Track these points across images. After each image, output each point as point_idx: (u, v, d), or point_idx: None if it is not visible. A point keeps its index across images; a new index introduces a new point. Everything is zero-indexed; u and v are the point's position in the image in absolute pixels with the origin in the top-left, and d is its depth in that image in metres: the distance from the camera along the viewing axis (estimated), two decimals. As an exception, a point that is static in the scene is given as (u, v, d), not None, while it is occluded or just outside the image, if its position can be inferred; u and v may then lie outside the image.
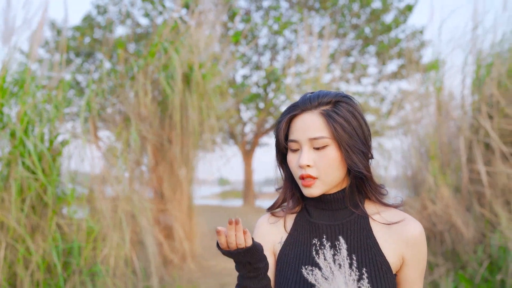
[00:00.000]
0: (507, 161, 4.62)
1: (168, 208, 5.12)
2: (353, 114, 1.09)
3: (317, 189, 1.09)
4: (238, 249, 0.97)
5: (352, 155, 1.07)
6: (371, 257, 1.06)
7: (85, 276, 3.57)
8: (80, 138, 4.09)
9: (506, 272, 4.03)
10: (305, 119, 1.09)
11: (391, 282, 1.05)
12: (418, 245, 1.08)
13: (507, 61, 4.84)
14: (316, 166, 1.08)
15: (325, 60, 6.63)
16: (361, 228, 1.11)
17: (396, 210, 1.14)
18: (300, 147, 1.10)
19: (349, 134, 1.07)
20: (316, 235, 1.12)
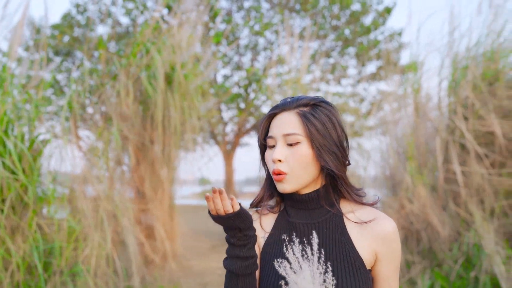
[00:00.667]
0: (482, 162, 4.74)
1: (149, 208, 5.12)
2: (329, 118, 1.14)
3: (288, 184, 1.13)
4: (227, 214, 1.03)
5: (324, 154, 1.12)
6: (345, 254, 1.11)
7: (66, 276, 3.56)
8: (60, 138, 4.07)
9: (479, 269, 4.15)
10: (283, 117, 1.15)
11: (364, 277, 1.09)
12: (391, 241, 1.12)
13: (482, 64, 4.97)
14: (287, 162, 1.12)
15: (305, 61, 6.70)
16: (336, 226, 1.15)
17: (370, 208, 1.18)
18: (276, 143, 1.15)
19: (323, 135, 1.12)
20: (296, 234, 1.16)
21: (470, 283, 4.17)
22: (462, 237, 4.51)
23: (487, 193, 4.57)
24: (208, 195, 1.03)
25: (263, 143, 1.21)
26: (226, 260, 1.11)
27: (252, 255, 1.10)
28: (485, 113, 4.69)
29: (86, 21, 10.84)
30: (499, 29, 4.99)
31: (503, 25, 4.98)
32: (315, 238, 1.02)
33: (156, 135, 5.03)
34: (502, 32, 4.98)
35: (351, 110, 9.68)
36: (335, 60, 13.09)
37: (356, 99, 12.89)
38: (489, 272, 4.07)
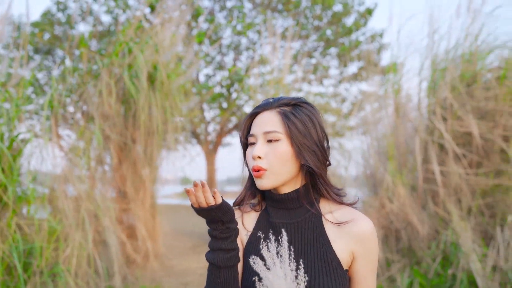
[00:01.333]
0: (460, 161, 4.84)
1: (131, 207, 5.09)
2: (310, 117, 1.17)
3: (267, 180, 1.15)
4: (209, 206, 1.06)
5: (304, 152, 1.14)
6: (323, 254, 1.13)
7: (46, 277, 3.53)
8: (41, 137, 4.03)
9: (457, 267, 4.24)
10: (264, 116, 1.18)
11: (341, 277, 1.11)
12: (368, 241, 1.14)
13: (460, 66, 5.07)
14: (267, 159, 1.15)
15: (287, 61, 6.74)
16: (315, 226, 1.17)
17: (349, 208, 1.20)
18: (256, 140, 1.18)
19: (303, 133, 1.14)
20: (275, 233, 1.18)
21: (447, 280, 4.26)
22: (440, 235, 4.60)
23: (465, 193, 4.66)
24: (189, 188, 1.04)
25: (244, 141, 1.24)
26: (209, 253, 1.13)
27: (234, 247, 1.12)
28: (463, 114, 4.78)
29: (67, 19, 10.70)
30: (476, 32, 5.10)
31: (480, 28, 5.09)
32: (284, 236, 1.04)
33: (138, 134, 5.01)
34: (479, 35, 5.09)
35: (333, 110, 9.76)
36: (317, 60, 13.17)
37: (337, 99, 12.99)
38: (465, 269, 4.16)
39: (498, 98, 4.75)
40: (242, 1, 12.51)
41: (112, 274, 4.32)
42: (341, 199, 1.21)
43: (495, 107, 4.72)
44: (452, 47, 5.25)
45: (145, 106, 4.87)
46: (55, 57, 11.46)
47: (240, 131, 1.25)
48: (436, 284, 4.30)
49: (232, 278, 1.13)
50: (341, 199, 1.21)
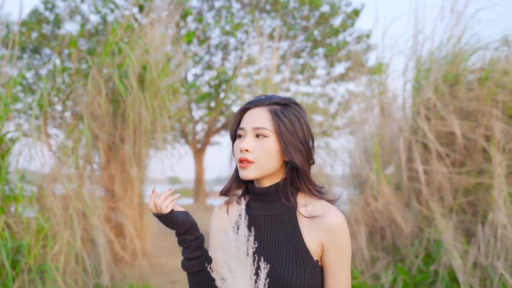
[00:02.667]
0: (443, 160, 4.95)
1: (119, 206, 5.13)
2: (298, 118, 1.25)
3: (251, 172, 1.23)
4: (155, 213, 1.20)
5: (290, 149, 1.22)
6: (294, 245, 1.21)
7: (34, 274, 3.56)
8: (29, 136, 4.05)
9: (439, 263, 4.34)
10: (255, 112, 1.26)
11: (310, 267, 1.19)
12: (337, 233, 1.20)
13: (443, 67, 5.18)
14: (254, 153, 1.22)
15: (275, 61, 6.80)
16: (289, 219, 1.25)
17: (324, 202, 1.26)
18: (245, 134, 1.25)
19: (290, 132, 1.22)
20: (254, 225, 1.27)
21: (430, 276, 4.36)
22: (423, 233, 4.70)
23: (447, 191, 4.77)
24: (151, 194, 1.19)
25: (234, 134, 1.31)
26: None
27: (194, 256, 1.23)
28: (446, 114, 4.89)
29: (55, 18, 10.66)
30: (459, 34, 5.21)
31: (463, 30, 5.20)
32: (244, 228, 1.11)
33: (126, 133, 5.04)
34: (462, 36, 5.20)
35: (320, 110, 9.84)
36: (304, 60, 13.26)
37: (325, 99, 13.09)
38: (447, 266, 4.26)
39: (480, 99, 4.87)
40: (230, 1, 12.55)
41: (100, 272, 4.36)
42: (320, 195, 1.28)
43: (477, 107, 4.83)
44: (435, 48, 5.36)
45: (134, 105, 4.91)
46: (42, 56, 11.40)
47: (230, 123, 1.33)
48: (419, 280, 4.40)
49: (202, 281, 1.23)
50: (320, 195, 1.28)
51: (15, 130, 3.99)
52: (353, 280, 4.71)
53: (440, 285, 4.18)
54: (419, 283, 4.40)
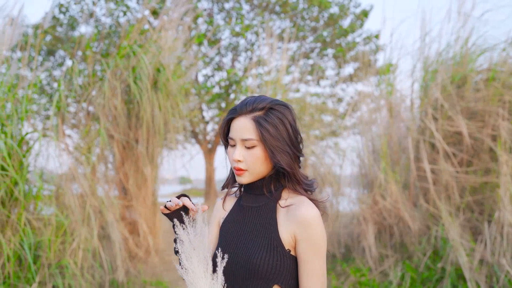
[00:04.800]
0: (450, 160, 5.03)
1: (133, 204, 5.27)
2: (281, 120, 1.35)
3: (245, 178, 1.38)
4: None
5: (277, 154, 1.33)
6: (268, 233, 1.33)
7: (54, 268, 3.71)
8: (48, 137, 4.21)
9: (446, 261, 4.42)
10: (240, 122, 1.36)
11: (280, 255, 1.30)
12: (307, 226, 1.30)
13: (451, 68, 5.25)
14: (246, 161, 1.36)
15: (285, 62, 6.90)
16: (270, 210, 1.38)
17: (303, 198, 1.37)
18: (236, 144, 1.38)
19: (275, 137, 1.33)
20: (242, 214, 1.42)
21: (437, 273, 4.44)
22: (431, 231, 4.79)
23: (454, 190, 4.85)
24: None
25: (225, 143, 1.44)
26: None
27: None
28: (453, 114, 4.96)
29: (69, 20, 10.86)
30: (466, 35, 5.28)
31: (470, 31, 5.27)
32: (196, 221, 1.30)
33: (140, 134, 5.19)
34: (469, 38, 5.28)
35: (329, 111, 9.92)
36: (314, 61, 13.34)
37: (334, 100, 13.17)
38: (454, 263, 4.35)
39: (487, 99, 4.94)
40: (240, 2, 12.67)
41: (116, 268, 4.50)
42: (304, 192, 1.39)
43: (484, 107, 4.90)
44: (443, 50, 5.43)
45: (148, 106, 5.05)
46: (56, 58, 11.61)
47: (220, 132, 1.46)
48: (426, 277, 4.49)
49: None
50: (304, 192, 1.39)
51: (33, 131, 4.15)
52: (361, 277, 4.82)
53: (447, 282, 4.26)
54: (427, 280, 4.49)
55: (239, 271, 1.31)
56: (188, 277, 1.25)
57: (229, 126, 1.41)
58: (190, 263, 1.25)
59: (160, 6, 5.94)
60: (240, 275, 1.31)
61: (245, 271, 1.30)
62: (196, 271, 1.24)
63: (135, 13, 10.75)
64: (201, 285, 1.24)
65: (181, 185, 30.16)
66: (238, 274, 1.31)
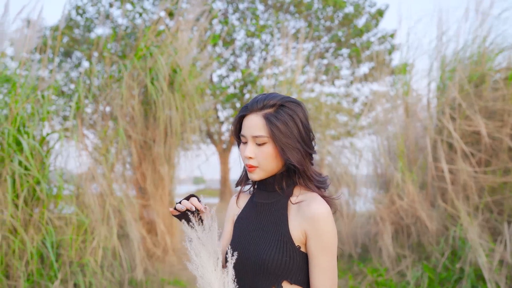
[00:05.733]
0: (468, 160, 4.99)
1: (150, 204, 5.32)
2: (292, 117, 1.35)
3: (257, 175, 1.38)
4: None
5: (287, 151, 1.34)
6: (278, 229, 1.35)
7: (76, 266, 3.77)
8: (68, 137, 4.27)
9: (464, 261, 4.39)
10: (251, 119, 1.37)
11: (290, 251, 1.31)
12: (317, 222, 1.30)
13: (468, 67, 5.21)
14: (257, 158, 1.37)
15: (300, 62, 6.91)
16: (281, 206, 1.39)
17: (315, 194, 1.38)
18: (247, 141, 1.39)
19: (285, 134, 1.33)
20: (255, 211, 1.44)
21: (455, 274, 4.41)
22: (449, 231, 4.75)
23: (473, 190, 4.81)
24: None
25: (237, 140, 1.46)
26: None
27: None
28: (471, 114, 4.93)
29: (85, 22, 11.00)
30: (485, 34, 5.24)
31: (489, 30, 5.23)
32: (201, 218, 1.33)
33: (157, 134, 5.24)
34: (487, 36, 5.23)
35: (344, 110, 9.89)
36: (328, 61, 13.32)
37: (349, 100, 13.13)
38: (473, 264, 4.31)
39: (506, 98, 4.89)
40: (255, 3, 12.70)
41: (134, 267, 4.55)
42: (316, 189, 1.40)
43: (503, 106, 4.86)
44: (460, 49, 5.39)
45: (165, 107, 5.10)
46: (73, 59, 11.76)
47: (232, 129, 1.47)
48: (444, 278, 4.46)
49: None
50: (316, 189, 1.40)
51: (53, 132, 4.22)
52: (378, 277, 4.81)
53: (466, 282, 4.23)
54: (445, 280, 4.46)
55: (249, 267, 1.33)
56: (199, 272, 1.27)
57: (241, 124, 1.43)
58: (200, 258, 1.27)
59: (175, 7, 5.99)
60: (250, 271, 1.33)
61: (255, 266, 1.31)
62: (205, 265, 1.27)
63: (151, 15, 10.83)
64: (212, 280, 1.26)
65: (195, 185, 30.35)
66: (249, 270, 1.33)
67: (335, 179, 5.98)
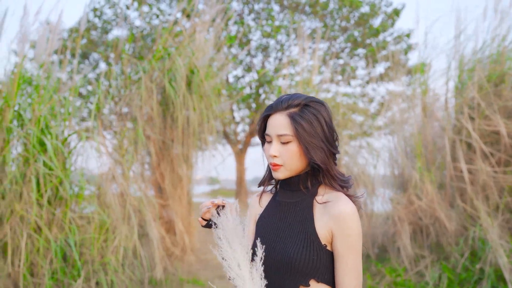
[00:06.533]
0: (487, 160, 4.96)
1: (169, 204, 5.38)
2: (316, 116, 1.37)
3: (281, 173, 1.40)
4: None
5: (311, 150, 1.36)
6: (305, 228, 1.36)
7: (98, 265, 3.83)
8: (89, 138, 4.34)
9: (485, 262, 4.36)
10: (276, 119, 1.39)
11: (317, 249, 1.33)
12: (343, 221, 1.32)
13: (487, 66, 5.18)
14: (281, 157, 1.38)
15: (316, 62, 6.92)
16: (306, 205, 1.40)
17: (340, 194, 1.39)
18: (272, 140, 1.41)
19: (309, 133, 1.35)
20: (279, 210, 1.45)
21: (475, 274, 4.39)
22: (468, 231, 4.73)
23: (492, 190, 4.77)
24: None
25: (262, 139, 1.49)
26: None
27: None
28: (490, 113, 4.89)
29: (103, 24, 11.13)
30: (504, 33, 5.20)
31: (508, 29, 5.19)
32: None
33: (175, 134, 5.30)
34: (507, 36, 5.19)
35: (360, 111, 9.86)
36: (344, 61, 13.28)
37: (365, 100, 13.07)
38: (493, 264, 4.28)
39: (526, 98, 4.85)
40: (270, 3, 12.72)
41: (154, 266, 4.60)
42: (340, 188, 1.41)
43: (523, 106, 4.82)
44: (479, 48, 5.36)
45: (182, 107, 5.15)
46: (90, 61, 11.90)
47: (257, 129, 1.50)
48: (464, 278, 4.44)
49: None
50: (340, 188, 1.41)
51: (74, 132, 4.29)
52: (397, 277, 4.80)
53: (486, 283, 4.21)
54: (465, 281, 4.44)
55: (276, 265, 1.34)
56: (232, 265, 1.29)
57: (266, 123, 1.45)
58: (233, 251, 1.29)
59: (192, 8, 6.04)
60: (277, 269, 1.34)
61: (282, 265, 1.32)
62: (238, 258, 1.29)
63: (167, 16, 10.92)
64: (243, 274, 1.28)
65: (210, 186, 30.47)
66: (275, 268, 1.34)
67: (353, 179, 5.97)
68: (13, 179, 3.61)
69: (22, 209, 3.55)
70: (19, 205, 3.55)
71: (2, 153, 3.70)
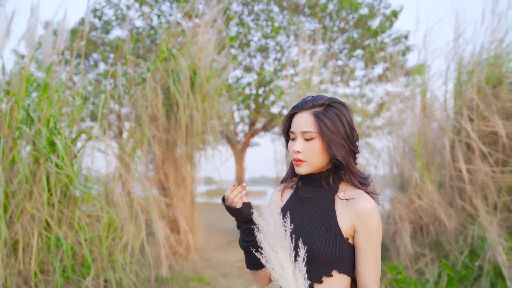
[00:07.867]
0: (486, 160, 5.06)
1: (173, 203, 5.46)
2: (339, 117, 1.46)
3: (304, 168, 1.49)
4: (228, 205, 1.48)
5: (333, 147, 1.44)
6: (327, 222, 1.45)
7: (106, 262, 3.91)
8: (97, 138, 4.42)
9: (483, 259, 4.46)
10: (301, 117, 1.49)
11: (339, 242, 1.41)
12: (365, 217, 1.41)
13: (486, 68, 5.28)
14: (304, 153, 1.47)
15: (316, 63, 7.00)
16: (328, 201, 1.49)
17: (361, 191, 1.47)
18: (296, 137, 1.50)
19: (332, 131, 1.44)
20: (301, 205, 1.53)
21: (474, 271, 4.49)
22: (467, 230, 4.83)
23: (491, 189, 4.88)
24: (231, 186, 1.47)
25: (286, 137, 1.57)
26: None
27: (249, 240, 1.49)
28: (489, 115, 4.99)
29: (103, 25, 11.18)
30: (502, 36, 5.30)
31: (506, 31, 5.29)
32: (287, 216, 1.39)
33: (179, 134, 5.37)
34: (504, 38, 5.29)
35: (359, 111, 9.95)
36: (343, 62, 13.37)
37: (363, 100, 13.16)
38: (492, 262, 4.38)
39: (523, 99, 4.95)
40: (270, 4, 12.79)
41: (160, 264, 4.68)
42: (360, 185, 1.49)
43: (521, 107, 4.92)
44: (478, 51, 5.45)
45: (186, 108, 5.23)
46: (90, 61, 11.95)
47: (282, 127, 1.59)
48: (463, 275, 4.54)
49: (255, 259, 1.45)
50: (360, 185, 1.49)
51: (82, 132, 4.36)
52: (398, 275, 4.89)
53: (485, 280, 4.31)
54: (464, 278, 4.53)
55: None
56: (276, 267, 1.33)
57: (291, 122, 1.53)
58: (276, 253, 1.34)
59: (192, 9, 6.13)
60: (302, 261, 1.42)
61: (306, 256, 1.38)
62: (280, 258, 1.34)
63: (168, 17, 10.98)
64: (286, 275, 1.33)
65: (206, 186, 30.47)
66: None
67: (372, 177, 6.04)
68: (23, 178, 3.68)
69: (33, 208, 3.62)
70: (29, 204, 3.62)
71: (11, 152, 3.78)
